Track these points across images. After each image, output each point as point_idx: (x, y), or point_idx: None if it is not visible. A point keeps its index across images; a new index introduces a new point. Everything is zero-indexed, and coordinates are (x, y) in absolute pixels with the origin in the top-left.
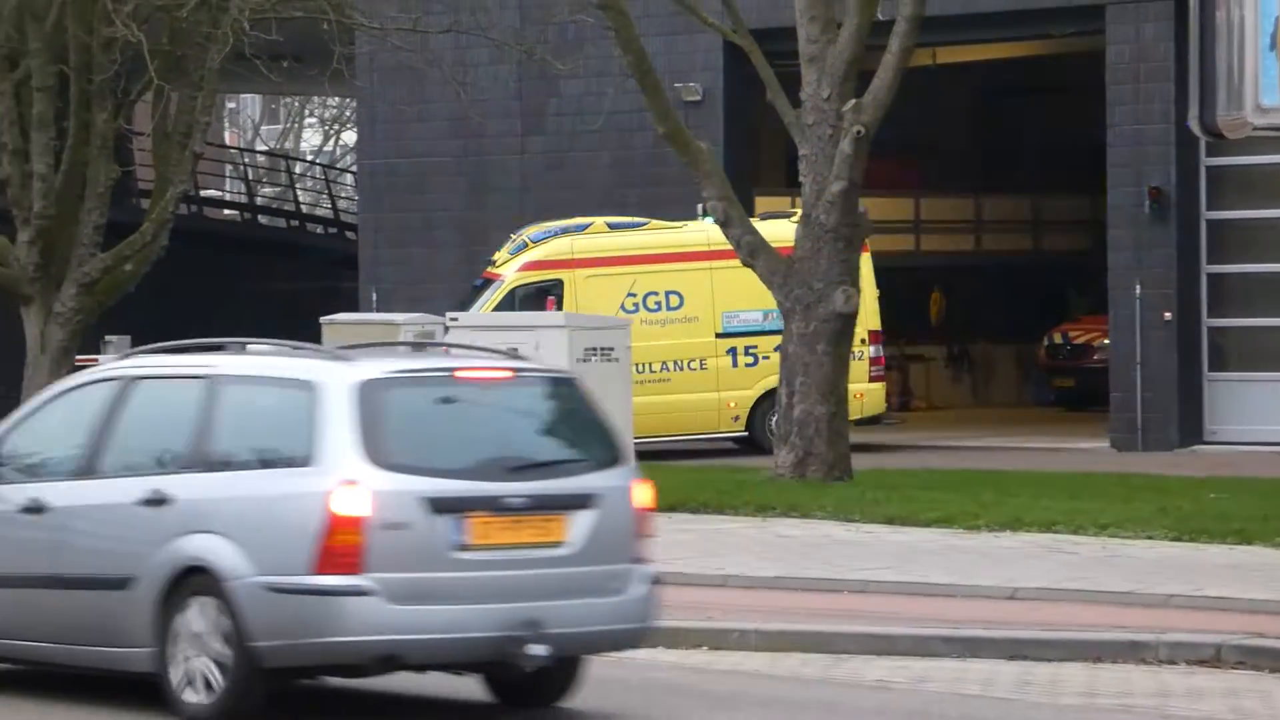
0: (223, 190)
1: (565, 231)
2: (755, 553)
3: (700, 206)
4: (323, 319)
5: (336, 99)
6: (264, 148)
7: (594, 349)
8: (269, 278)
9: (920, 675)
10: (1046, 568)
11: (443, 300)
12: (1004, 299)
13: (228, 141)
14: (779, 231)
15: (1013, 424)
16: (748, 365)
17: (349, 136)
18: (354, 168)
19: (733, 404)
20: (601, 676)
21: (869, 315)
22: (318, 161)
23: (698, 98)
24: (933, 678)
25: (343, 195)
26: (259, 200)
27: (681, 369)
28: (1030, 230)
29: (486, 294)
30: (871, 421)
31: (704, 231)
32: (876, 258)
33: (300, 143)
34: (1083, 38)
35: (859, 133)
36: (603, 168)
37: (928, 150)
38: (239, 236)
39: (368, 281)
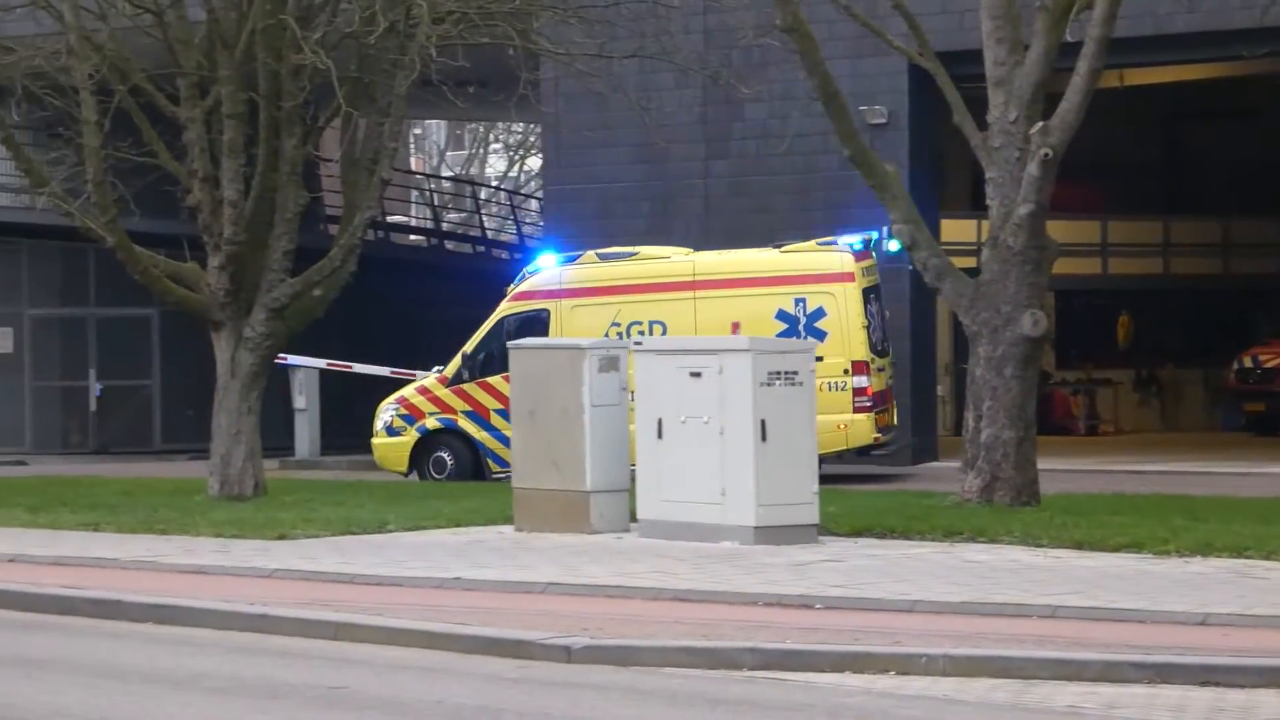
0: (409, 216)
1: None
2: (942, 577)
3: (885, 229)
4: (510, 343)
5: (521, 125)
6: (449, 173)
7: (777, 373)
8: (454, 303)
9: (1110, 701)
10: (1238, 593)
11: None
12: (1193, 322)
13: (414, 167)
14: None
15: (1202, 448)
16: None
17: (533, 162)
18: (539, 193)
19: None
20: (790, 700)
21: (855, 346)
22: (502, 187)
23: (883, 120)
24: (1123, 704)
25: (527, 221)
26: (444, 226)
27: None
28: (1219, 253)
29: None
30: (860, 453)
31: (689, 262)
32: (1064, 280)
33: (485, 168)
34: (1274, 59)
35: (1046, 155)
36: (787, 191)
37: (1115, 172)
38: (425, 262)
39: None
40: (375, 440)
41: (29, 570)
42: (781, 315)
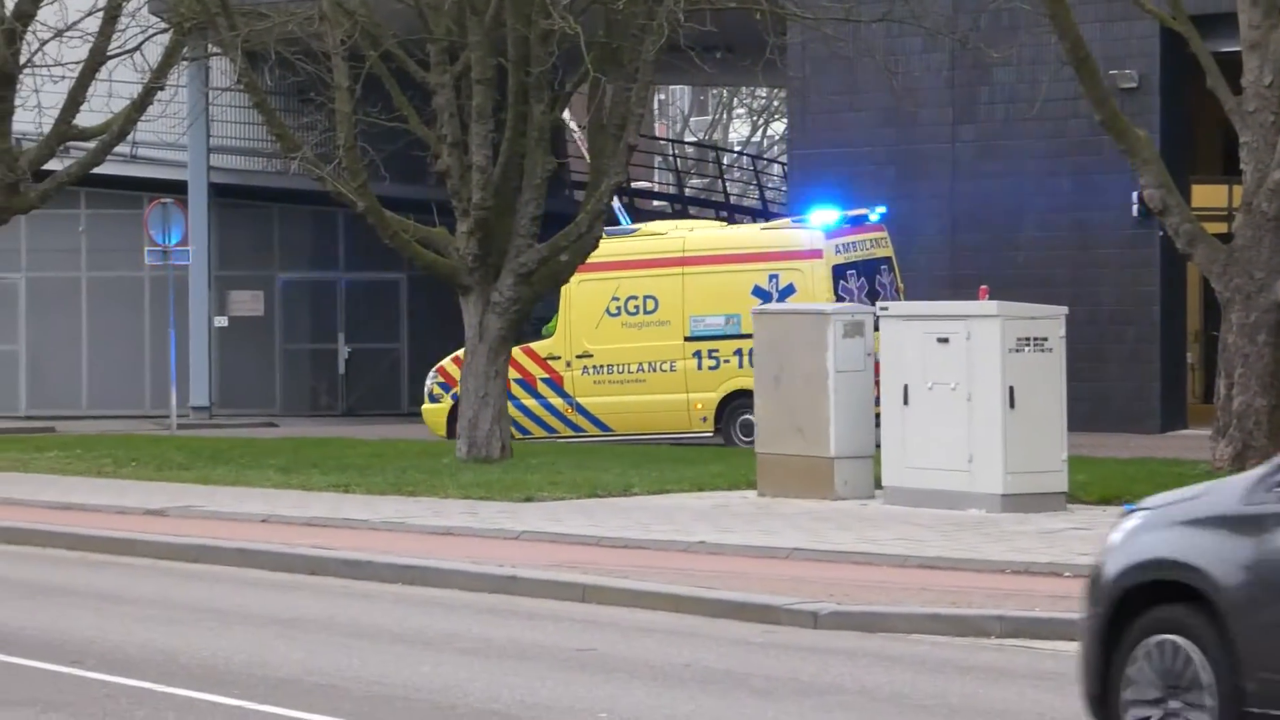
0: (652, 182)
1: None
2: None
3: (1136, 195)
4: (753, 309)
5: (764, 90)
6: (693, 139)
7: (1026, 339)
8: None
9: None
10: None
11: None
12: None
13: (658, 133)
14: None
15: None
16: (711, 368)
17: (777, 126)
18: (782, 158)
19: (699, 405)
20: (1039, 669)
21: None
22: (746, 152)
23: (1134, 85)
24: None
25: (770, 185)
26: (688, 192)
27: (655, 370)
28: None
29: None
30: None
31: (680, 238)
32: None
33: (729, 134)
34: None
35: None
36: (1035, 156)
37: None
38: None
39: None
40: (423, 407)
41: (282, 530)
42: (757, 291)
